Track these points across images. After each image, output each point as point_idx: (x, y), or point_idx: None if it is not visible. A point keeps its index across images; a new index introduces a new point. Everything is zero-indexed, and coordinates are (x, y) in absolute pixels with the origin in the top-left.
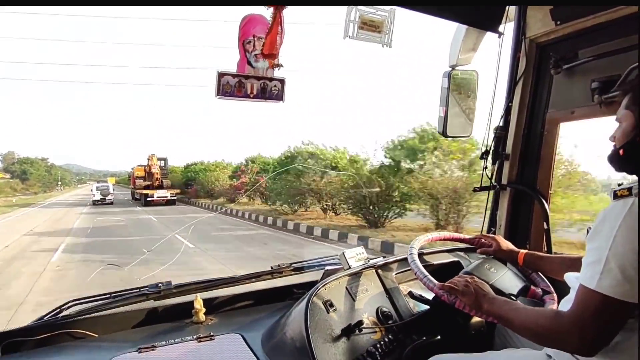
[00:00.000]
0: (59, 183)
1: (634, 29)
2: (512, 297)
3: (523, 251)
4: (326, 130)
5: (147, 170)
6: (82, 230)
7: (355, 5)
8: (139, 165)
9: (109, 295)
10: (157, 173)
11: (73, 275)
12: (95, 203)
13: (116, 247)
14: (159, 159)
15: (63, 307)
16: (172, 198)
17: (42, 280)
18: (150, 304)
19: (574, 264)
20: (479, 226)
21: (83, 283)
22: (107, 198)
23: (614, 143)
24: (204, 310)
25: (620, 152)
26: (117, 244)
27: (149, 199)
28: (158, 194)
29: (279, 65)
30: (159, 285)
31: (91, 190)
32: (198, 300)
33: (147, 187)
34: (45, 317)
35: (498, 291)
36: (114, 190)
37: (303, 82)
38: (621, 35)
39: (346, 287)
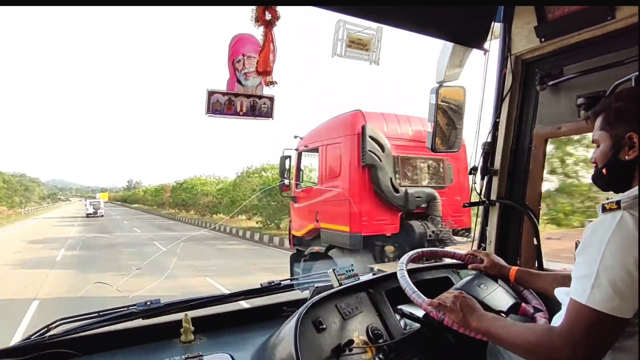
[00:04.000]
0: None
1: (618, 45)
2: (502, 313)
3: (515, 267)
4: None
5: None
6: None
7: (343, 20)
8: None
9: (97, 314)
10: None
11: None
12: (88, 215)
13: None
14: None
15: (51, 326)
16: None
17: None
18: (138, 322)
19: (567, 281)
20: None
21: None
22: (98, 211)
23: (595, 164)
24: (192, 329)
25: (604, 171)
26: None
27: None
28: None
29: (273, 83)
30: (148, 303)
31: (85, 205)
32: (187, 318)
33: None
34: (32, 337)
35: (488, 308)
36: (104, 204)
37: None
38: (605, 52)
39: (336, 305)
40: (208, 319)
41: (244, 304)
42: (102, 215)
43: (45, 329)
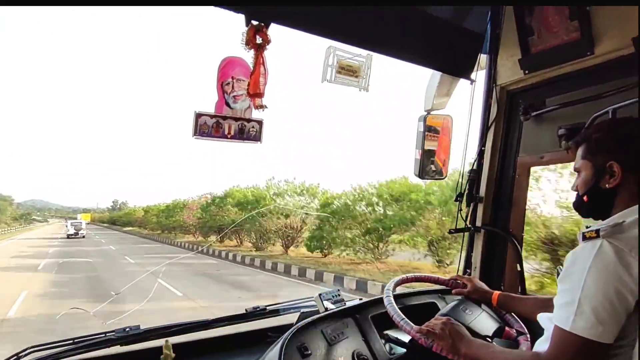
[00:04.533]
0: None
1: (596, 80)
2: (488, 338)
3: (497, 292)
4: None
5: None
6: None
7: (333, 47)
8: None
9: (71, 341)
10: None
11: None
12: (69, 237)
13: None
14: None
15: (20, 354)
16: None
17: None
18: (116, 349)
19: (547, 305)
20: None
21: None
22: (79, 232)
23: (577, 192)
24: (173, 355)
25: (585, 198)
26: None
27: None
28: None
29: (263, 107)
30: (127, 329)
31: (66, 226)
32: (167, 345)
33: None
34: None
35: (474, 332)
36: (86, 226)
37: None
38: (585, 85)
39: (321, 331)
40: (190, 345)
41: (228, 330)
42: (84, 237)
43: (15, 357)
